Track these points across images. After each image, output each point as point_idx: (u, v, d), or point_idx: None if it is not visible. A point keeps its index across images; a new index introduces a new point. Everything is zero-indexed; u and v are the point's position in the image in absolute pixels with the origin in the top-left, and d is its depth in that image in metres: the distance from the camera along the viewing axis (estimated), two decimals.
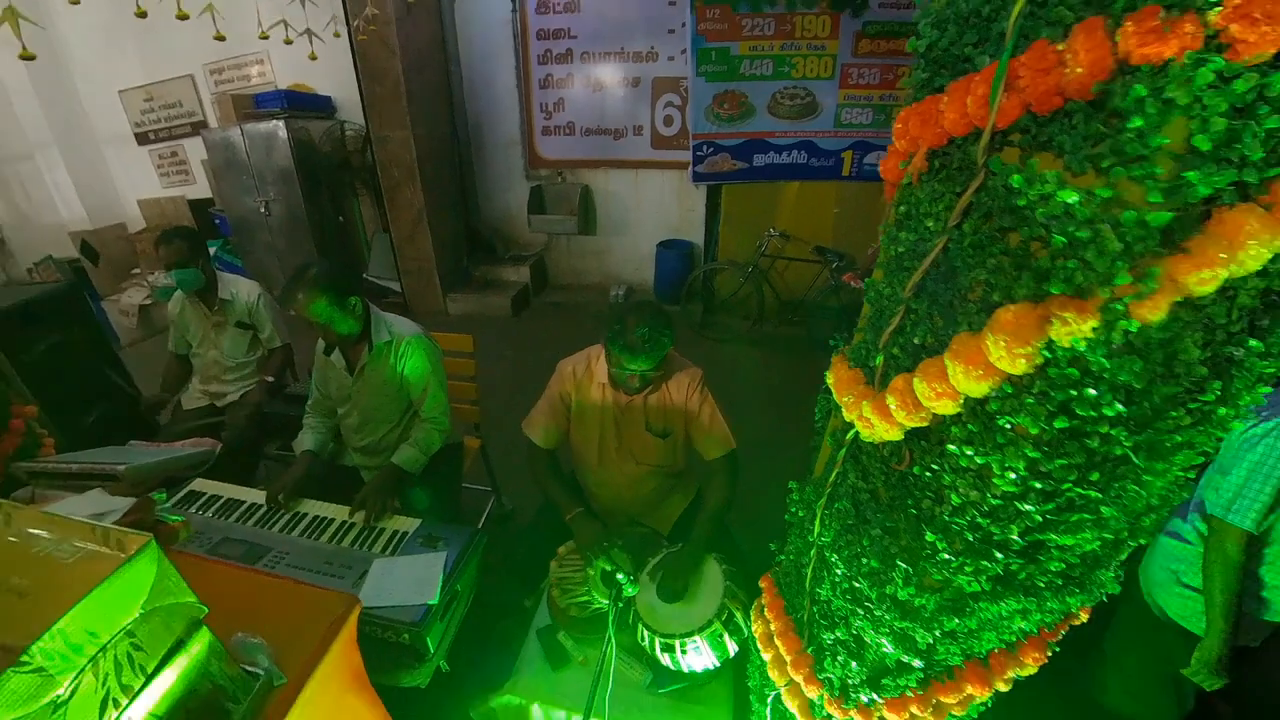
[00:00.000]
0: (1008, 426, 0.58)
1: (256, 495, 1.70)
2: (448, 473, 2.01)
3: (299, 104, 4.37)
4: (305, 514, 1.64)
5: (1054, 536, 0.61)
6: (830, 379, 0.83)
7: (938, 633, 0.78)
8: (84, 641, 0.49)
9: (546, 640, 1.60)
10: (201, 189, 5.21)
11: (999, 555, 0.64)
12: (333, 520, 1.62)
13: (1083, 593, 0.74)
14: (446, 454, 2.03)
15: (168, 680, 0.57)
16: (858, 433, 0.86)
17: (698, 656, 1.41)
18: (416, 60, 4.01)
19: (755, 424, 2.89)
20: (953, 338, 0.59)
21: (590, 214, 4.98)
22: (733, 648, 1.42)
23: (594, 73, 4.49)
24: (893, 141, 0.66)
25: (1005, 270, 0.54)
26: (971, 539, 0.66)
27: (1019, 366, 0.55)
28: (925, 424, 0.68)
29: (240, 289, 2.29)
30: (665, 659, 1.43)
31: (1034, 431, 0.57)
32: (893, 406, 0.70)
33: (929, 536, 0.70)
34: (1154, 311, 0.45)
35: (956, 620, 0.74)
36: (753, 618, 1.29)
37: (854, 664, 0.92)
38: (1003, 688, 0.95)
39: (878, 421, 0.74)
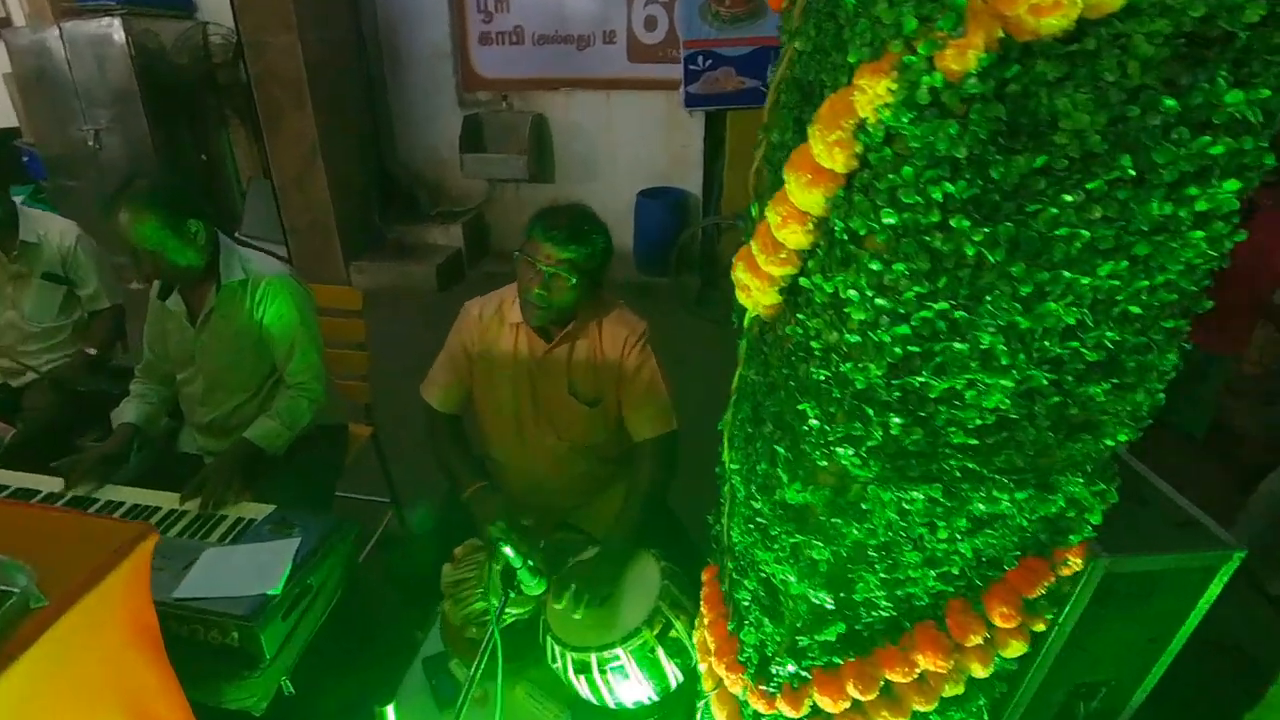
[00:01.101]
0: (845, 237, 0.69)
1: (55, 484, 1.82)
2: (320, 460, 2.12)
3: None
4: (122, 503, 1.75)
5: (931, 380, 0.72)
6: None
7: (844, 552, 0.88)
8: None
9: (434, 671, 1.70)
10: (2, 113, 5.34)
11: (869, 412, 0.74)
12: (158, 509, 1.73)
13: (1033, 491, 0.84)
14: (321, 437, 2.15)
15: None
16: (756, 319, 0.98)
17: (624, 682, 1.50)
18: None
19: None
20: None
21: (546, 153, 5.14)
22: (674, 674, 1.51)
23: None
24: None
25: (829, 54, 0.66)
26: (839, 395, 0.76)
27: (839, 160, 0.66)
28: (791, 268, 0.79)
29: (52, 230, 2.43)
30: (582, 686, 1.52)
31: (862, 233, 0.68)
32: (757, 253, 0.82)
33: (801, 405, 0.81)
34: (961, 60, 0.56)
35: (857, 525, 0.84)
36: (696, 626, 1.39)
37: (768, 622, 1.02)
38: (979, 670, 1.05)
39: (752, 282, 0.86)
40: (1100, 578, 1.56)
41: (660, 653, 1.50)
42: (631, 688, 1.51)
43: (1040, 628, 1.08)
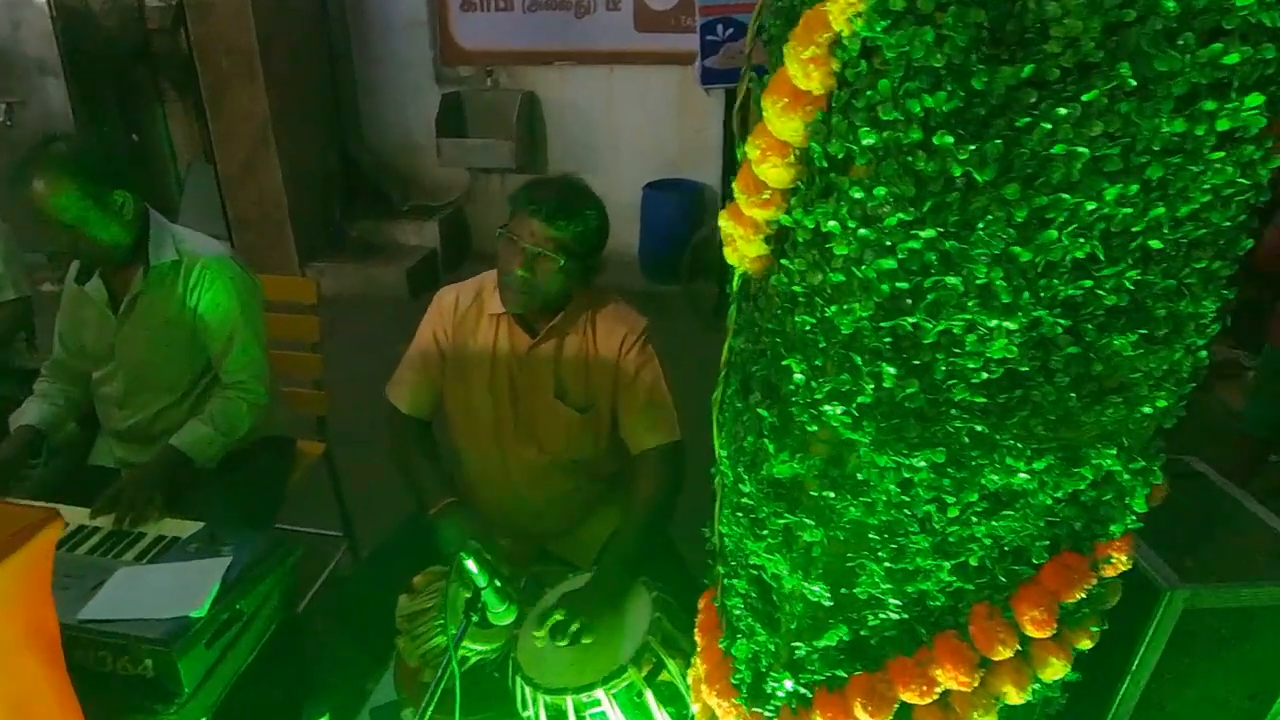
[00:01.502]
0: (824, 164, 0.76)
1: None
2: (260, 477, 2.20)
3: None
4: None
5: (924, 322, 0.78)
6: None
7: (840, 534, 0.93)
8: None
9: None
10: None
11: (858, 361, 0.81)
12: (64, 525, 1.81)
13: (1054, 461, 0.89)
14: (262, 450, 2.23)
15: None
16: (745, 280, 1.06)
17: None
18: None
19: None
20: None
21: (537, 138, 5.29)
22: None
23: None
24: None
25: None
26: (825, 345, 0.82)
27: (815, 79, 0.74)
28: (775, 210, 0.87)
29: None
30: None
31: (841, 157, 0.75)
32: (739, 196, 0.89)
33: (785, 360, 0.87)
34: None
35: (853, 500, 0.90)
36: (692, 664, 1.44)
37: (760, 630, 1.07)
38: (1012, 694, 1.09)
39: (736, 230, 0.94)
40: (1179, 615, 1.57)
41: (649, 698, 1.55)
42: None
43: (1085, 644, 1.12)
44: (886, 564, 0.94)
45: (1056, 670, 1.10)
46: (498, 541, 1.76)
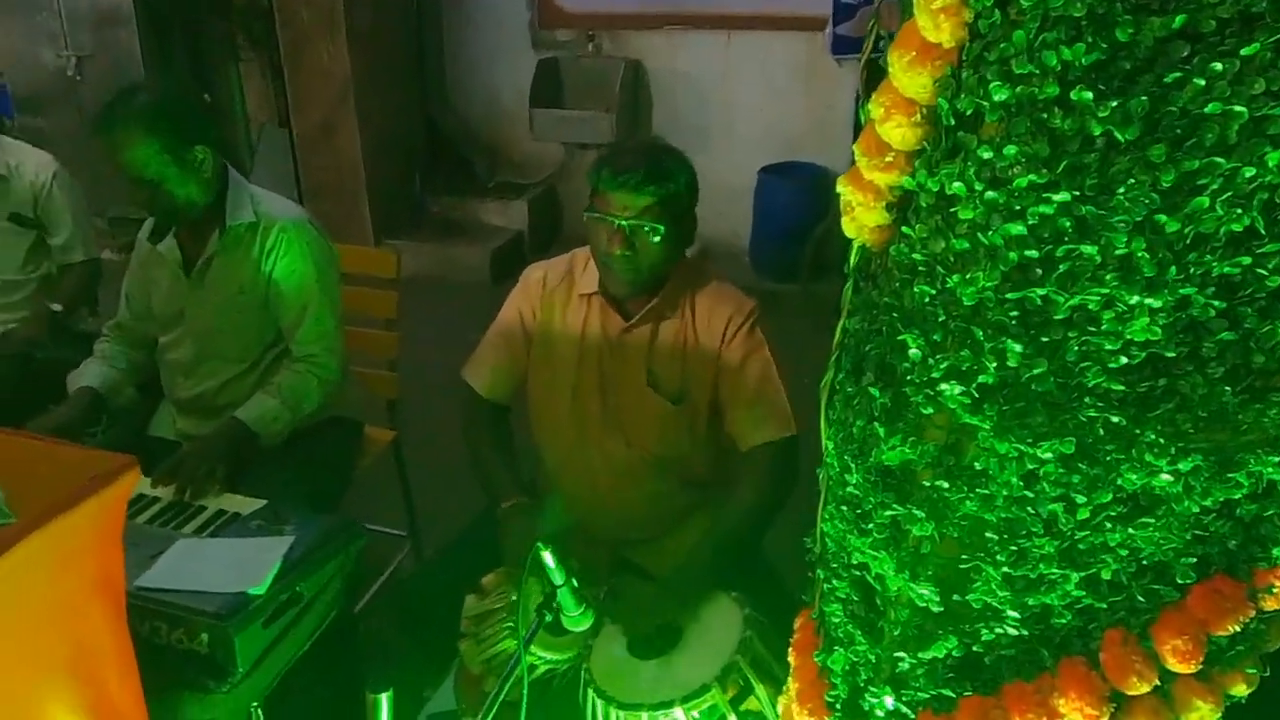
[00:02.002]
0: (952, 122, 0.83)
1: None
2: (326, 459, 2.37)
3: None
4: None
5: (1055, 295, 0.83)
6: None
7: (954, 531, 0.99)
8: None
9: None
10: None
11: (979, 335, 0.87)
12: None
13: (1203, 462, 0.92)
14: (330, 431, 2.41)
15: None
16: (862, 257, 1.13)
17: None
18: None
19: None
20: None
21: (641, 111, 5.45)
22: None
23: None
24: None
25: None
26: (945, 318, 0.89)
27: (945, 30, 0.80)
28: (898, 173, 0.94)
29: (26, 162, 2.86)
30: None
31: (969, 113, 0.81)
32: (860, 159, 0.97)
33: (902, 335, 0.94)
34: None
35: (970, 492, 0.96)
36: (784, 691, 1.51)
37: (861, 638, 1.13)
38: None
39: (856, 197, 1.01)
40: None
41: None
42: None
43: (1240, 690, 1.13)
44: (1005, 569, 0.99)
45: (1203, 716, 1.12)
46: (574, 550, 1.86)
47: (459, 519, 2.27)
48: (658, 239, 1.80)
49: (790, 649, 1.45)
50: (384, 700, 1.21)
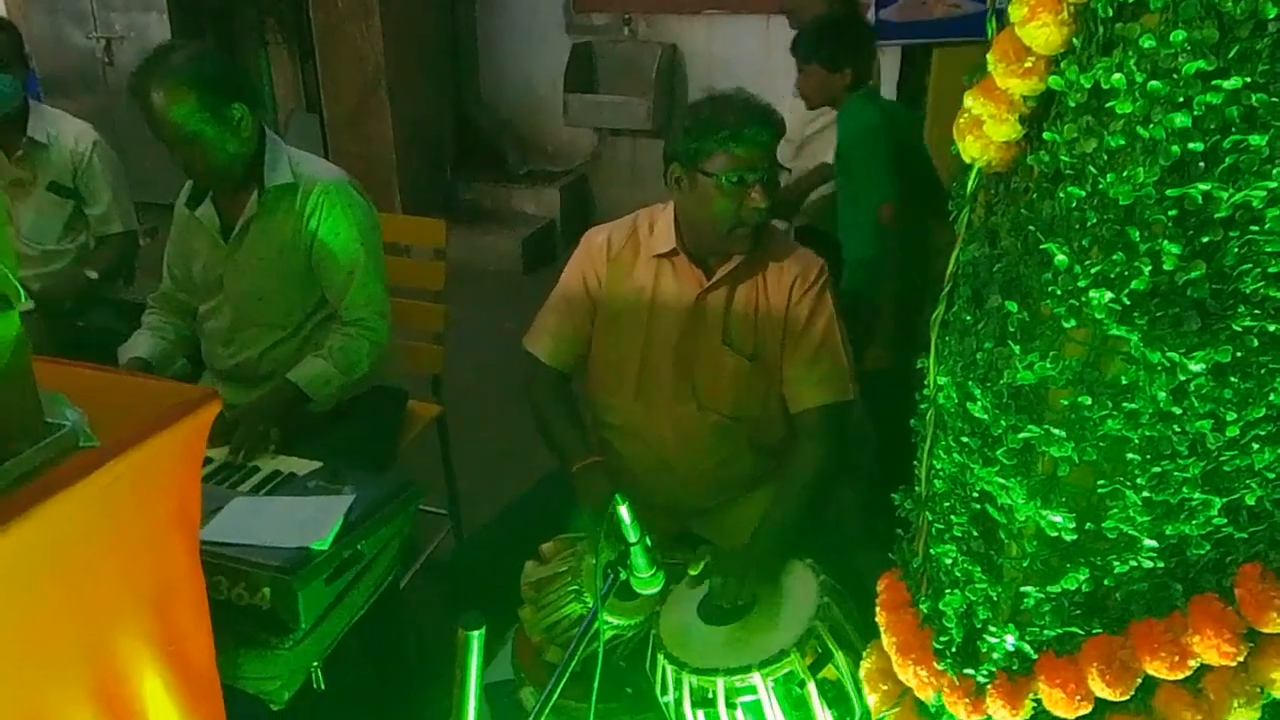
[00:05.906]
0: (1110, 13, 0.83)
1: None
2: (376, 425, 2.39)
3: None
4: None
5: (1217, 190, 0.83)
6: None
7: (1093, 451, 0.99)
8: None
9: (499, 702, 1.87)
10: None
11: (1134, 236, 0.87)
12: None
13: None
14: (377, 399, 2.42)
15: None
16: (981, 181, 1.13)
17: None
18: None
19: None
20: None
21: (678, 98, 5.45)
22: None
23: None
24: None
25: None
26: (1095, 221, 0.89)
27: None
28: (1037, 80, 0.95)
29: (66, 131, 2.89)
30: None
31: (1130, 2, 0.82)
32: (994, 67, 0.97)
33: (1045, 245, 0.94)
34: None
35: (1113, 408, 0.96)
36: (865, 655, 1.50)
37: (980, 575, 1.13)
38: None
39: (987, 109, 1.02)
40: None
41: (811, 691, 1.62)
42: None
43: None
44: (1145, 493, 0.99)
45: None
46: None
47: (497, 502, 2.29)
48: (776, 185, 1.86)
49: (878, 609, 1.44)
50: (475, 638, 1.20)
